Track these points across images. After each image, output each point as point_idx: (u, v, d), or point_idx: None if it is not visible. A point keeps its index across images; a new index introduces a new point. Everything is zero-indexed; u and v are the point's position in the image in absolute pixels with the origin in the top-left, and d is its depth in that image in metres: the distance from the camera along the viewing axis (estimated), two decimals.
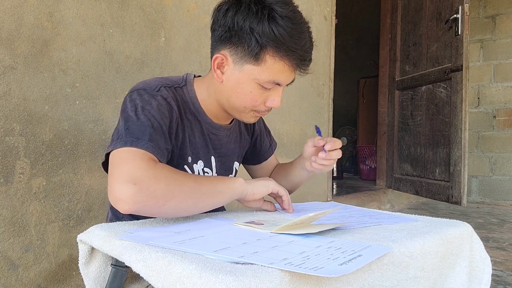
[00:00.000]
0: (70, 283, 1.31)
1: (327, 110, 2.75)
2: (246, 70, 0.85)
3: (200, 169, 0.95)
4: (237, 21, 0.82)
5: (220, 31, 0.85)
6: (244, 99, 0.88)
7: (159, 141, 0.78)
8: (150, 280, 0.55)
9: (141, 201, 0.67)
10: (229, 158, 1.05)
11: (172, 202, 0.71)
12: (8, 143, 1.15)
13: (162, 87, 0.87)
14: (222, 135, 1.00)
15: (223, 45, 0.86)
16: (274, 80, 0.86)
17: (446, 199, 2.61)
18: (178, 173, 0.74)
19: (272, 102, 0.90)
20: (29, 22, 1.19)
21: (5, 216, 1.15)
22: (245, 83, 0.86)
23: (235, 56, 0.85)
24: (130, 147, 0.74)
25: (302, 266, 0.50)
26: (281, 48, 0.81)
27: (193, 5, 1.73)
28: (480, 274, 0.85)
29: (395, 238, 0.70)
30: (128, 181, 0.67)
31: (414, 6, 3.05)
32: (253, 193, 0.84)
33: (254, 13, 0.81)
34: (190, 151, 0.93)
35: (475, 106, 4.14)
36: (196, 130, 0.94)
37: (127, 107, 0.82)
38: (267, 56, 0.83)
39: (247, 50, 0.83)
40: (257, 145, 1.15)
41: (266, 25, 0.80)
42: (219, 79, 0.89)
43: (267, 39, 0.81)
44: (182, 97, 0.92)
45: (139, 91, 0.85)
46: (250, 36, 0.81)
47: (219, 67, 0.88)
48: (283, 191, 0.89)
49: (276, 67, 0.84)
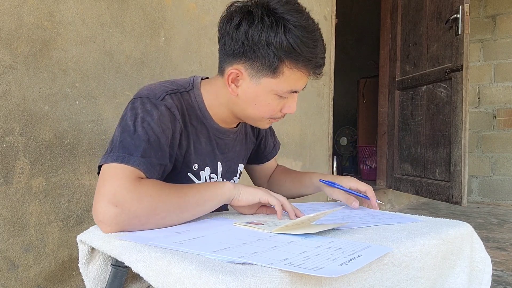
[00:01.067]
0: (70, 283, 1.31)
1: (327, 110, 2.74)
2: (264, 83, 0.84)
3: (207, 176, 0.95)
4: (251, 35, 0.80)
5: (233, 46, 0.83)
6: (262, 110, 0.88)
7: (152, 157, 0.77)
8: (150, 280, 0.55)
9: (123, 221, 0.69)
10: (235, 161, 1.04)
11: (154, 219, 0.72)
12: (8, 143, 1.15)
13: (167, 95, 0.85)
14: (229, 139, 0.99)
15: (237, 59, 0.84)
16: (292, 89, 0.86)
17: (446, 199, 2.60)
18: (163, 188, 0.74)
19: (289, 109, 0.90)
20: (29, 22, 1.19)
21: (5, 216, 1.15)
22: (263, 96, 0.85)
23: (250, 70, 0.83)
24: (120, 164, 0.73)
25: (302, 266, 0.50)
26: (299, 59, 0.81)
27: (193, 5, 1.73)
28: (481, 274, 0.84)
29: (395, 238, 0.70)
30: (111, 202, 0.69)
31: (414, 6, 3.05)
32: (238, 199, 0.83)
33: (268, 26, 0.79)
34: (196, 159, 0.92)
35: (475, 106, 4.14)
36: (202, 136, 0.93)
37: (127, 114, 0.81)
38: (285, 68, 0.82)
39: (265, 64, 0.81)
40: (261, 145, 1.15)
41: (283, 38, 0.79)
42: (234, 93, 0.87)
43: (284, 52, 0.80)
44: (189, 102, 0.90)
45: (142, 99, 0.83)
46: (267, 51, 0.80)
47: (233, 81, 0.86)
48: (274, 200, 0.84)
49: (294, 77, 0.83)
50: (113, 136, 0.79)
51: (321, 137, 2.71)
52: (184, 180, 0.91)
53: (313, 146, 2.63)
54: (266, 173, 1.20)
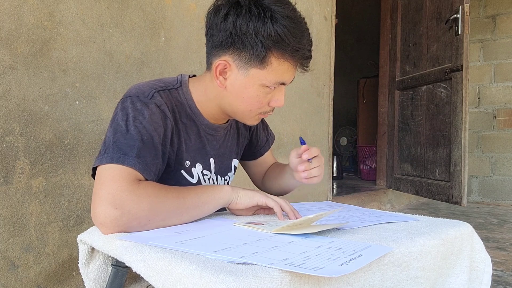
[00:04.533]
0: (70, 283, 1.31)
1: (327, 110, 2.74)
2: (252, 74, 0.84)
3: (199, 172, 0.95)
4: (239, 25, 0.80)
5: (221, 36, 0.83)
6: (250, 102, 0.87)
7: (147, 156, 0.77)
8: (151, 281, 0.55)
9: (123, 223, 0.69)
10: (228, 157, 1.04)
11: (155, 220, 0.72)
12: (8, 143, 1.15)
13: (156, 93, 0.84)
14: (220, 135, 0.99)
15: (225, 50, 0.84)
16: (280, 81, 0.86)
17: (446, 199, 2.61)
18: (161, 190, 0.74)
19: (277, 102, 0.89)
20: (29, 22, 1.19)
21: (5, 216, 1.15)
22: (251, 87, 0.85)
23: (238, 61, 0.84)
24: (116, 164, 0.73)
25: (303, 266, 0.50)
26: (286, 49, 0.81)
27: (193, 5, 1.73)
28: (481, 274, 0.84)
29: (396, 238, 0.70)
30: (111, 204, 0.68)
31: (414, 6, 3.05)
32: (236, 202, 0.83)
33: (256, 15, 0.80)
34: (187, 156, 0.91)
35: (475, 106, 4.14)
36: (192, 133, 0.93)
37: (117, 114, 0.80)
38: (273, 58, 0.82)
39: (253, 54, 0.81)
40: (253, 139, 1.14)
41: (271, 27, 0.79)
42: (222, 85, 0.87)
43: (272, 41, 0.80)
44: (178, 99, 0.90)
45: (132, 98, 0.82)
46: (255, 40, 0.80)
47: (221, 74, 0.86)
48: (272, 202, 0.84)
49: (281, 68, 0.84)
50: (105, 138, 0.79)
51: (321, 137, 2.71)
52: (177, 177, 0.91)
53: (313, 146, 2.63)
54: (261, 169, 1.19)
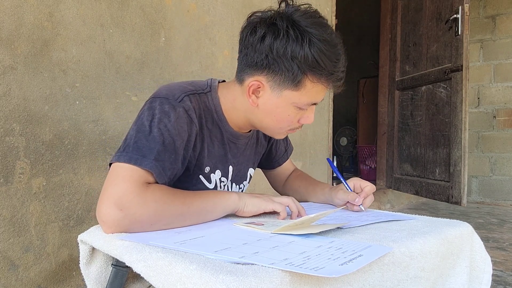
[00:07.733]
0: (70, 283, 1.31)
1: (327, 110, 2.75)
2: (285, 95, 0.84)
3: (217, 179, 0.95)
4: (276, 48, 0.80)
5: (256, 57, 0.83)
6: (281, 121, 0.88)
7: (165, 160, 0.77)
8: (151, 280, 0.55)
9: (125, 225, 0.69)
10: (245, 165, 1.04)
11: (157, 225, 0.72)
12: (8, 143, 1.15)
13: (186, 96, 0.84)
14: (241, 143, 1.00)
15: (259, 71, 0.84)
16: (312, 102, 0.86)
17: (446, 199, 2.61)
18: (168, 195, 0.74)
19: (307, 119, 0.90)
20: (29, 22, 1.19)
21: (5, 216, 1.15)
22: (283, 107, 0.86)
23: (272, 82, 0.84)
24: (133, 165, 0.73)
25: (303, 266, 0.50)
26: (322, 73, 0.81)
27: (193, 5, 1.73)
28: (481, 274, 0.85)
29: (396, 238, 0.70)
30: (116, 205, 0.69)
31: (414, 6, 3.05)
32: (243, 211, 0.84)
33: (294, 39, 0.79)
34: (208, 161, 0.92)
35: (475, 106, 4.14)
36: (216, 139, 0.93)
37: (144, 113, 0.80)
38: (307, 81, 0.82)
39: (288, 77, 0.81)
40: (272, 150, 1.15)
41: (308, 52, 0.79)
42: (254, 104, 0.87)
43: (308, 66, 0.80)
44: (206, 104, 0.90)
45: (161, 99, 0.82)
46: (291, 64, 0.80)
47: (254, 92, 0.87)
48: (280, 208, 0.86)
49: (315, 90, 0.84)
50: (127, 135, 0.79)
51: (321, 137, 2.71)
52: (195, 182, 0.91)
53: (313, 146, 2.63)
54: (280, 177, 1.21)
